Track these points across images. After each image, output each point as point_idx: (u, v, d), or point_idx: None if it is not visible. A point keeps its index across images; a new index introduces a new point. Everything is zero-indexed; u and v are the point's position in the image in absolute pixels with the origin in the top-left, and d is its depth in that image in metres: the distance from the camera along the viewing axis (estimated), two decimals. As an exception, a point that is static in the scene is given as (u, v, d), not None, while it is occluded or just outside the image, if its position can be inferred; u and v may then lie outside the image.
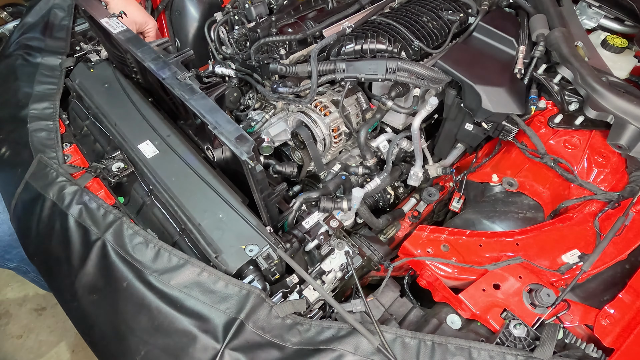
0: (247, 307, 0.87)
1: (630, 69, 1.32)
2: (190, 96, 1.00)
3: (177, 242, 1.09)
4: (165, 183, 1.12)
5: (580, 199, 1.12)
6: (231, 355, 0.82)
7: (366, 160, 1.27)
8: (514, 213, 1.14)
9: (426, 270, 1.03)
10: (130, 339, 0.89)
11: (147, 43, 1.17)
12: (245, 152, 0.86)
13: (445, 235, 1.08)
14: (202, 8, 1.60)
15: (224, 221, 1.04)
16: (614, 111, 1.08)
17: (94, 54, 1.51)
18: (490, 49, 1.27)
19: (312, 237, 1.06)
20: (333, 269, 1.00)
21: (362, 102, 1.34)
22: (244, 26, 1.30)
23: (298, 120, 1.32)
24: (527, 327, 0.87)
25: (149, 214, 1.16)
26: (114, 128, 1.27)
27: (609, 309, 0.92)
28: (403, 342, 0.84)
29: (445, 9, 1.34)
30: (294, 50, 1.30)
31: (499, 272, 0.98)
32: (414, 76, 1.12)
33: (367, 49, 1.19)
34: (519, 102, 1.14)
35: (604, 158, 1.16)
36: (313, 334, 0.86)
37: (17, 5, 2.79)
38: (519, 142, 1.22)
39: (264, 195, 0.97)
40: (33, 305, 2.07)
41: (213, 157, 1.21)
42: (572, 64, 1.17)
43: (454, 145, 1.34)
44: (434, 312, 1.01)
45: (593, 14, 1.49)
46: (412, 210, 1.38)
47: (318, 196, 1.14)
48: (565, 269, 0.99)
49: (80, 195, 1.07)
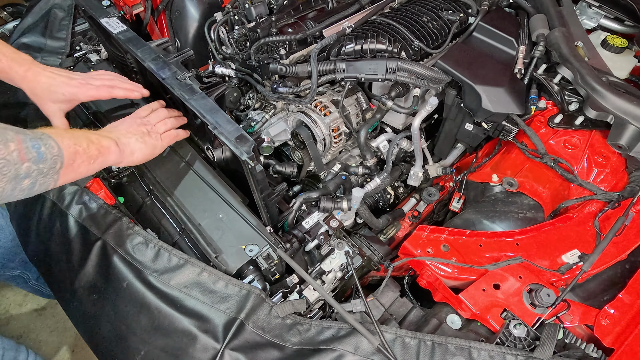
0: (247, 307, 0.87)
1: (630, 69, 1.32)
2: (190, 96, 1.00)
3: (177, 242, 1.09)
4: (165, 183, 1.12)
5: (580, 199, 1.12)
6: (231, 355, 0.83)
7: (366, 160, 1.27)
8: (514, 213, 1.14)
9: (426, 270, 1.03)
10: (130, 338, 0.89)
11: (147, 43, 1.17)
12: (245, 152, 0.86)
13: (445, 235, 1.08)
14: (202, 8, 1.59)
15: (224, 221, 1.04)
16: (614, 111, 1.08)
17: (94, 54, 1.51)
18: (490, 49, 1.27)
19: (312, 237, 1.06)
20: (333, 269, 1.00)
21: (362, 102, 1.34)
22: (244, 26, 1.30)
23: (298, 120, 1.32)
24: (527, 327, 0.87)
25: (149, 214, 1.16)
26: (114, 128, 1.27)
27: (609, 309, 0.92)
28: (403, 342, 0.84)
29: (445, 9, 1.34)
30: (294, 50, 1.30)
31: (499, 272, 0.98)
32: (414, 76, 1.12)
33: (367, 49, 1.19)
34: (519, 102, 1.14)
35: (604, 158, 1.16)
36: (313, 334, 0.86)
37: (17, 5, 2.79)
38: (519, 142, 1.22)
39: (264, 195, 0.97)
40: (33, 305, 2.07)
41: (213, 157, 1.21)
42: (572, 64, 1.17)
43: (454, 145, 1.34)
44: (434, 312, 1.01)
45: (593, 14, 1.49)
46: (412, 210, 1.38)
47: (318, 196, 1.14)
48: (565, 269, 0.99)
49: (80, 195, 1.07)
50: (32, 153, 0.73)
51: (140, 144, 0.99)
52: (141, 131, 1.01)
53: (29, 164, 0.72)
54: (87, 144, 0.85)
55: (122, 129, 1.00)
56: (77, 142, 0.83)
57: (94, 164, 0.87)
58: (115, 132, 0.98)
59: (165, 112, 1.10)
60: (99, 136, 0.91)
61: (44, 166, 0.75)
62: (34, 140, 0.75)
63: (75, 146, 0.82)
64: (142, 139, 0.99)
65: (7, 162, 0.69)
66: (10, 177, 0.70)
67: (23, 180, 0.72)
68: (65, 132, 0.84)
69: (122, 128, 1.00)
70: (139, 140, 0.99)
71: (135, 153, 0.97)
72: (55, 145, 0.78)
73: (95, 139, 0.88)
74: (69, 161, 0.80)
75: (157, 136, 1.04)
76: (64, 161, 0.79)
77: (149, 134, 1.02)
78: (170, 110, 1.13)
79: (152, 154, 1.02)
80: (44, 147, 0.76)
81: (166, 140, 1.06)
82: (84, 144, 0.84)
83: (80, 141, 0.84)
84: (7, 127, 0.74)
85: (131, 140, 0.97)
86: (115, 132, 0.97)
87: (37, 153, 0.74)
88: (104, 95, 1.10)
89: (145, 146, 1.00)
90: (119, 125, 1.02)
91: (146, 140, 1.00)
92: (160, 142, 1.04)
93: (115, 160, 0.93)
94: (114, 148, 0.92)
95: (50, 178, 0.78)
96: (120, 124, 1.02)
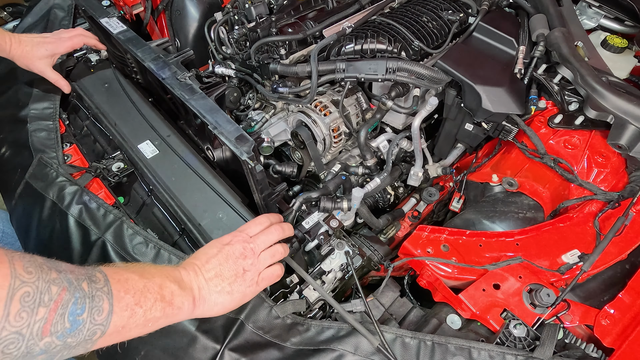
0: (247, 307, 0.87)
1: (630, 69, 1.32)
2: (190, 96, 1.00)
3: (177, 242, 1.09)
4: (165, 183, 1.12)
5: (580, 199, 1.12)
6: (231, 356, 0.82)
7: (366, 160, 1.27)
8: (514, 213, 1.14)
9: (426, 270, 1.03)
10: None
11: (147, 43, 1.17)
12: (245, 152, 0.86)
13: (445, 235, 1.08)
14: (202, 8, 1.59)
15: (224, 221, 1.04)
16: (614, 111, 1.08)
17: (94, 54, 1.51)
18: (490, 49, 1.27)
19: (312, 237, 1.06)
20: (333, 269, 1.00)
21: (362, 102, 1.34)
22: (244, 26, 1.30)
23: (298, 120, 1.32)
24: (527, 327, 0.87)
25: (149, 214, 1.16)
26: (114, 128, 1.27)
27: (609, 309, 0.92)
28: (403, 342, 0.84)
29: (445, 9, 1.34)
30: (294, 50, 1.30)
31: (499, 272, 0.98)
32: (414, 76, 1.12)
33: (367, 49, 1.19)
34: (519, 102, 1.14)
35: (604, 158, 1.16)
36: (313, 334, 0.86)
37: (17, 5, 2.79)
38: (519, 142, 1.22)
39: (264, 195, 0.97)
40: (33, 305, 2.07)
41: (213, 157, 1.22)
42: (572, 64, 1.17)
43: (454, 145, 1.34)
44: (434, 312, 1.01)
45: (593, 14, 1.49)
46: (412, 210, 1.38)
47: (318, 196, 1.14)
48: (565, 269, 0.99)
49: (80, 195, 1.07)
50: (64, 324, 0.51)
51: (226, 296, 0.74)
52: (235, 272, 0.76)
53: (50, 339, 0.50)
54: (154, 302, 0.62)
55: (211, 269, 0.74)
56: (141, 301, 0.61)
57: (148, 328, 0.63)
58: (200, 275, 0.73)
59: (278, 233, 0.84)
60: (176, 288, 0.67)
61: (72, 340, 0.53)
62: (80, 301, 0.53)
63: (135, 307, 0.60)
64: (230, 286, 0.75)
65: (19, 338, 0.47)
66: (15, 357, 0.48)
67: (35, 358, 0.50)
68: (130, 275, 0.61)
69: (214, 265, 0.75)
70: (226, 289, 0.74)
71: (213, 309, 0.74)
72: (107, 308, 0.56)
73: (168, 295, 0.65)
74: (115, 328, 0.57)
75: (254, 280, 0.78)
76: (108, 330, 0.57)
77: (243, 276, 0.76)
78: (284, 227, 0.87)
79: (238, 304, 0.77)
80: (86, 313, 0.54)
81: (263, 284, 0.80)
82: (148, 303, 0.61)
83: (145, 299, 0.61)
84: (60, 270, 0.53)
85: (215, 291, 0.73)
86: (200, 277, 0.73)
87: (72, 324, 0.52)
88: (78, 44, 1.33)
89: (231, 298, 0.75)
90: (211, 258, 0.75)
91: (234, 289, 0.75)
92: (254, 289, 0.78)
93: (180, 319, 0.70)
94: (187, 307, 0.69)
95: (77, 350, 0.56)
96: (216, 255, 0.76)
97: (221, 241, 0.80)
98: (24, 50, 1.24)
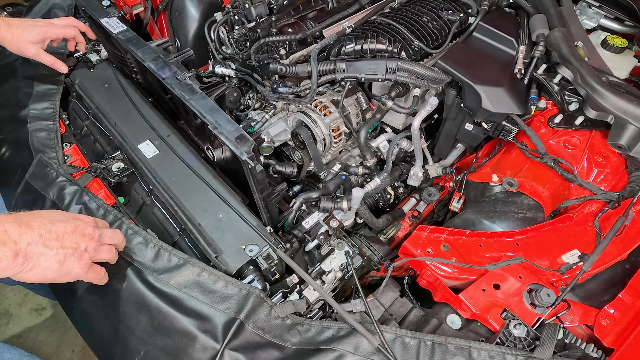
0: (247, 307, 0.87)
1: (630, 69, 1.32)
2: (190, 96, 1.00)
3: (177, 242, 1.09)
4: (165, 183, 1.12)
5: (580, 199, 1.12)
6: (231, 356, 0.82)
7: (366, 160, 1.27)
8: (514, 213, 1.14)
9: (426, 270, 1.03)
10: (129, 338, 0.88)
11: (147, 43, 1.17)
12: (245, 152, 0.86)
13: (445, 235, 1.08)
14: (202, 8, 1.59)
15: (224, 221, 1.04)
16: (614, 111, 1.08)
17: (94, 54, 1.51)
18: (490, 49, 1.27)
19: (312, 237, 1.06)
20: (333, 269, 1.00)
21: (362, 102, 1.34)
22: (244, 26, 1.30)
23: (298, 120, 1.32)
24: (527, 327, 0.87)
25: (149, 214, 1.16)
26: (114, 128, 1.27)
27: (609, 309, 0.92)
28: (403, 342, 0.84)
29: (445, 9, 1.34)
30: (294, 50, 1.30)
31: (499, 272, 0.98)
32: (414, 76, 1.12)
33: (367, 49, 1.19)
34: (519, 102, 1.14)
35: (604, 158, 1.16)
36: (313, 334, 0.86)
37: (17, 5, 2.79)
38: (519, 142, 1.22)
39: (264, 195, 0.97)
40: (33, 305, 2.07)
41: (213, 157, 1.22)
42: (572, 64, 1.17)
43: (454, 145, 1.34)
44: (434, 312, 1.01)
45: (593, 14, 1.49)
46: (412, 210, 1.38)
47: (318, 196, 1.14)
48: (565, 269, 0.99)
49: (80, 196, 1.07)
50: None
51: (54, 264, 0.72)
52: (76, 246, 0.75)
53: None
54: None
55: (54, 230, 0.74)
56: None
57: None
58: (37, 231, 0.72)
59: (121, 237, 0.89)
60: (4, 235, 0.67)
61: None
62: None
63: None
64: (65, 257, 0.74)
65: None
66: None
67: None
68: None
69: (59, 229, 0.75)
70: (59, 257, 0.73)
71: (32, 271, 0.71)
72: None
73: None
74: None
75: (87, 264, 0.78)
76: None
77: (81, 255, 0.76)
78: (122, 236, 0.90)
79: (57, 278, 0.75)
80: None
81: (90, 275, 0.80)
82: None
83: None
84: None
85: (48, 254, 0.71)
86: (35, 233, 0.71)
87: None
88: (70, 33, 1.32)
89: (58, 268, 0.73)
90: (57, 222, 0.75)
91: (67, 262, 0.74)
92: (81, 273, 0.78)
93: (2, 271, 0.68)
94: (7, 261, 0.67)
95: None
96: (63, 222, 0.76)
97: (70, 214, 0.81)
98: (14, 33, 1.21)
